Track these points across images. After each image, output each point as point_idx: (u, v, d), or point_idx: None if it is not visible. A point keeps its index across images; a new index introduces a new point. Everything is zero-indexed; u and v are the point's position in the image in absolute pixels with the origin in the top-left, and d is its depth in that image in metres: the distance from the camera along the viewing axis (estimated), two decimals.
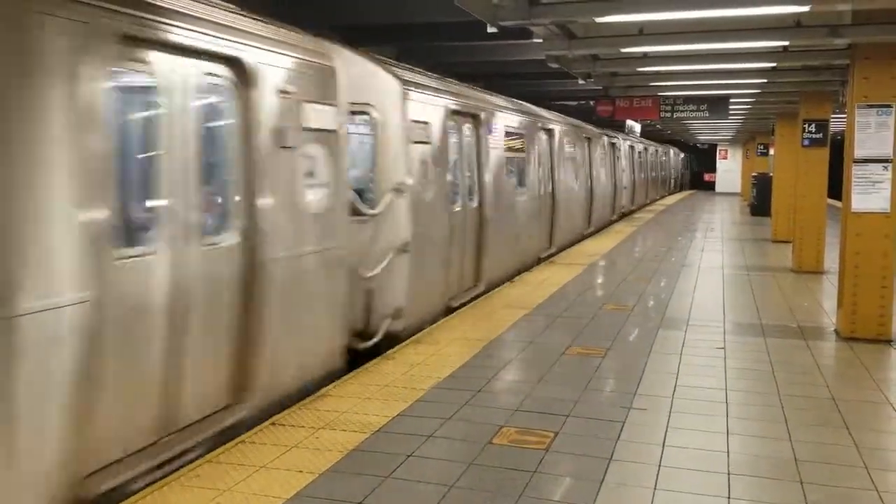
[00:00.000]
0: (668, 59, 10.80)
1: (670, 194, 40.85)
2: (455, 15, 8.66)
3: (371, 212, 7.35)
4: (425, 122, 8.12)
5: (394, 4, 10.43)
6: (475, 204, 9.95)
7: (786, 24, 8.14)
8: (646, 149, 30.75)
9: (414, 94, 7.92)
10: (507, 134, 11.39)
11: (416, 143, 7.89)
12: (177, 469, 4.45)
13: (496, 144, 10.69)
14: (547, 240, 14.20)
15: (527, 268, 12.43)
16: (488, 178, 10.22)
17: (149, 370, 4.34)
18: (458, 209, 9.27)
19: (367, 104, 7.51)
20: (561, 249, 14.92)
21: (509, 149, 11.52)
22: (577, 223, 16.81)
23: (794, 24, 8.10)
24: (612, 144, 22.02)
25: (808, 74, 11.51)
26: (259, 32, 5.24)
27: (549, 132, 14.28)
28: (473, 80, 12.22)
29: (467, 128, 9.83)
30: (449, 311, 8.88)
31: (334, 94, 6.17)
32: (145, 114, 4.57)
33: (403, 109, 7.64)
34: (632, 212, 25.85)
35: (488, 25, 7.34)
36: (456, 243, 9.07)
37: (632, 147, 26.36)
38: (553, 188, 14.35)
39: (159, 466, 4.40)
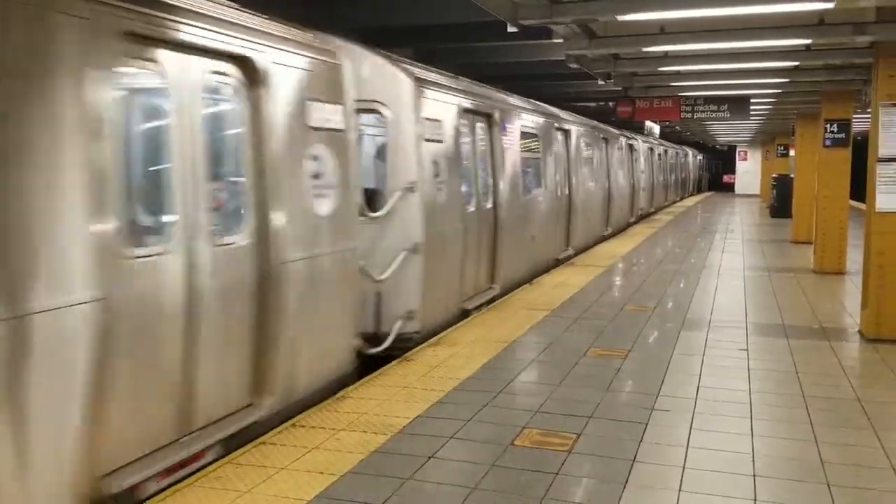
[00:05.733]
0: (690, 59, 10.72)
1: (689, 196, 40.56)
2: (475, 15, 8.65)
3: (374, 214, 7.27)
4: (437, 121, 8.02)
5: (413, 5, 10.41)
6: (489, 205, 9.83)
7: (809, 21, 8.06)
8: (665, 151, 30.52)
9: (428, 92, 7.83)
10: (523, 135, 11.33)
11: (429, 141, 7.79)
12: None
13: (510, 144, 10.59)
14: (564, 242, 14.18)
15: (544, 270, 12.42)
16: (503, 178, 10.10)
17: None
18: (471, 209, 9.16)
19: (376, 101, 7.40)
20: (578, 252, 14.90)
21: (524, 149, 11.45)
22: (594, 225, 16.76)
23: (818, 22, 8.02)
24: (631, 146, 21.88)
25: (831, 73, 11.39)
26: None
27: (566, 133, 14.28)
28: (492, 82, 12.15)
29: (481, 127, 9.73)
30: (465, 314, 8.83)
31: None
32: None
33: (416, 107, 7.51)
34: (650, 214, 25.66)
35: (509, 25, 7.30)
36: (470, 245, 8.95)
37: (651, 149, 26.11)
38: (570, 190, 14.31)
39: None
